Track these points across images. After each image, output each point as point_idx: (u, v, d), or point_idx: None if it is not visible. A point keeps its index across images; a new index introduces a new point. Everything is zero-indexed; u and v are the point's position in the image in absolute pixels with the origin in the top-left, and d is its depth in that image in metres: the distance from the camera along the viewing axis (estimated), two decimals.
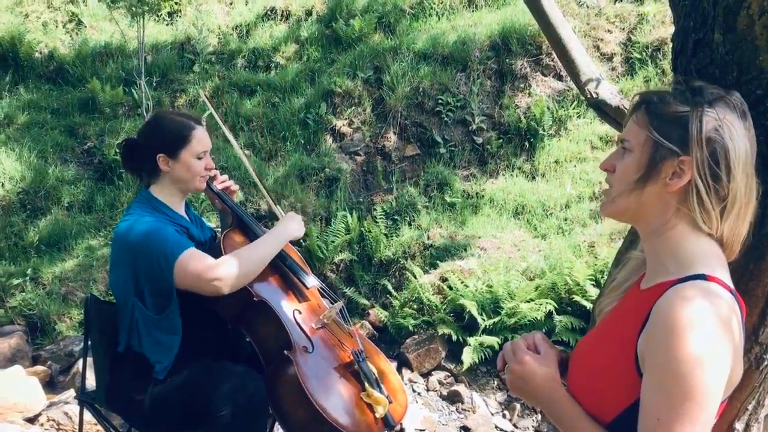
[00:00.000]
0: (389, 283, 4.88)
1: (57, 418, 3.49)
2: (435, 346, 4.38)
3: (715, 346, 1.17)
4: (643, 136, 1.30)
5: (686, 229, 1.29)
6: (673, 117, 1.27)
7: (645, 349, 1.22)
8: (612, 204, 1.35)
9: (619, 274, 1.47)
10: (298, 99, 6.10)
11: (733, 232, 1.29)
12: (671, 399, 1.16)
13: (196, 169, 2.48)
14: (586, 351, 1.43)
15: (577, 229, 5.12)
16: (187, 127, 2.47)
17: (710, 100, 1.27)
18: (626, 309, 1.38)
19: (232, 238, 2.58)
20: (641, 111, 1.32)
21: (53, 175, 5.41)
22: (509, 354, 1.43)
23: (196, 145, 2.46)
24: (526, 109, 5.98)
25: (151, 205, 2.48)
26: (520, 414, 4.09)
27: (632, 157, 1.31)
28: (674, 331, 1.16)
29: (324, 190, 5.52)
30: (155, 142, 2.48)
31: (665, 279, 1.28)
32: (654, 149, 1.28)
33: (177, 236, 2.39)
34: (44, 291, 4.67)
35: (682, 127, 1.26)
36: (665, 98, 1.30)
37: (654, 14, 6.33)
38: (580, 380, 1.37)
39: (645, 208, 1.31)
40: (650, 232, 1.33)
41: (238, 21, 7.01)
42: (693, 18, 1.52)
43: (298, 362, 2.30)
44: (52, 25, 6.84)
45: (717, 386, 1.18)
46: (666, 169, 1.27)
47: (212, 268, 2.32)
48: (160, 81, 6.34)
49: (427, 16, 6.78)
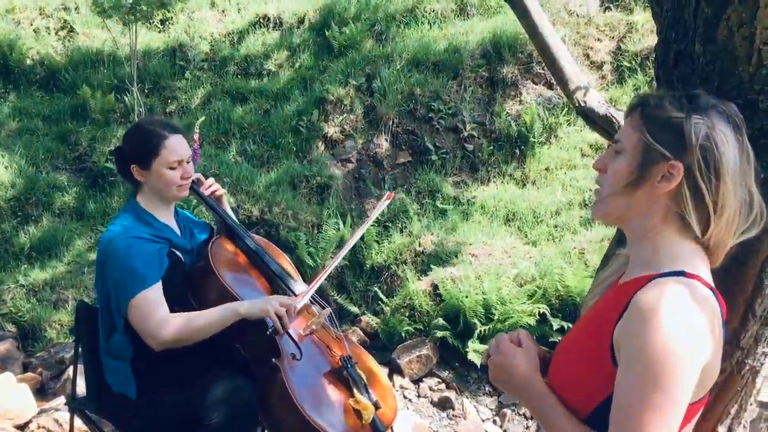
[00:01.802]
0: (380, 290, 4.89)
1: (47, 425, 3.49)
2: (426, 352, 4.40)
3: (690, 339, 1.18)
4: (635, 139, 1.32)
5: (673, 234, 1.31)
6: (666, 122, 1.29)
7: (620, 339, 1.24)
8: (602, 205, 1.37)
9: (603, 273, 1.50)
10: (290, 106, 6.12)
11: (719, 239, 1.31)
12: (643, 388, 1.17)
13: (170, 179, 2.44)
14: (565, 347, 1.46)
15: (567, 235, 5.15)
16: (158, 136, 2.41)
17: (705, 108, 1.30)
18: (605, 303, 1.41)
19: (221, 246, 2.58)
20: (636, 113, 1.35)
21: (44, 182, 5.41)
22: (493, 347, 1.46)
23: (167, 154, 2.40)
24: (517, 116, 6.02)
25: (136, 215, 2.47)
26: (510, 420, 4.10)
27: (624, 158, 1.33)
28: (649, 322, 1.18)
29: (316, 197, 5.54)
30: (129, 152, 2.47)
31: (644, 273, 1.30)
32: (645, 152, 1.30)
33: (145, 267, 2.34)
34: (35, 297, 4.66)
35: (674, 132, 1.28)
36: (661, 102, 1.33)
37: (643, 23, 6.38)
38: (559, 373, 1.40)
39: (634, 211, 1.33)
40: (638, 235, 1.35)
41: (231, 28, 7.03)
42: (675, 29, 1.55)
43: (286, 370, 2.31)
44: (44, 32, 6.84)
45: (689, 378, 1.19)
46: (656, 172, 1.29)
47: (155, 328, 2.28)
48: (152, 88, 6.35)
49: (418, 24, 6.82)
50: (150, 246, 2.40)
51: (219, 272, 2.44)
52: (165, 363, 2.35)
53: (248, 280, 2.57)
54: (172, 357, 2.34)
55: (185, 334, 2.30)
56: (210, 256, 2.47)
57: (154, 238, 2.44)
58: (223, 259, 2.53)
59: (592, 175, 5.63)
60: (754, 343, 1.61)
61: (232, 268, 2.53)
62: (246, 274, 2.59)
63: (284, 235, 5.13)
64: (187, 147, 2.49)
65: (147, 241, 2.40)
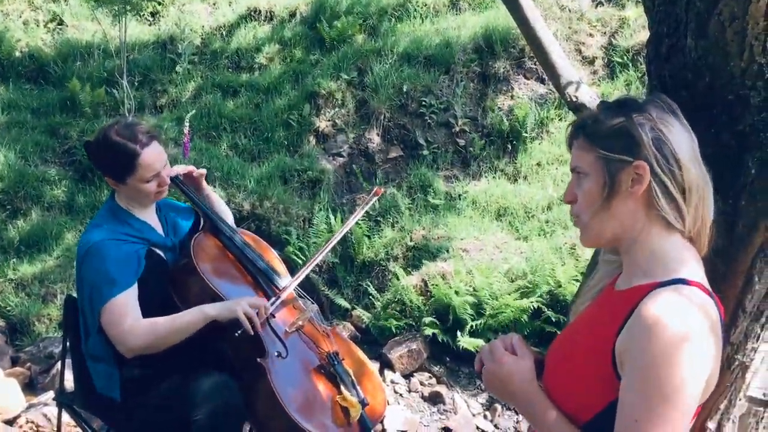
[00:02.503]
0: (371, 285, 4.89)
1: (36, 420, 3.47)
2: (417, 347, 4.40)
3: (695, 351, 1.18)
4: (591, 158, 1.33)
5: (659, 231, 1.31)
6: (611, 130, 1.31)
7: (624, 351, 1.23)
8: (588, 230, 1.37)
9: (593, 276, 1.49)
10: (281, 100, 6.09)
11: (698, 222, 1.31)
12: (649, 401, 1.17)
13: (146, 191, 2.39)
14: (561, 352, 1.44)
15: (558, 231, 5.15)
16: (132, 153, 2.31)
17: (639, 105, 1.32)
18: (601, 310, 1.40)
19: (204, 243, 2.54)
20: (580, 138, 1.36)
21: (33, 175, 5.37)
22: (487, 354, 1.44)
23: (143, 171, 2.34)
24: (509, 111, 6.02)
25: (114, 215, 2.44)
26: (501, 414, 4.11)
27: (589, 179, 1.34)
28: (654, 334, 1.18)
29: (307, 191, 5.52)
30: (101, 164, 2.42)
31: (644, 281, 1.30)
32: (606, 165, 1.31)
33: (119, 270, 2.31)
34: (24, 292, 4.63)
35: (623, 136, 1.29)
36: (597, 118, 1.35)
37: (635, 18, 6.38)
38: (555, 381, 1.39)
39: (617, 224, 1.33)
40: (629, 245, 1.35)
41: (221, 21, 6.99)
42: (667, 24, 1.55)
43: (271, 370, 2.29)
44: (33, 24, 6.79)
45: (695, 390, 1.19)
46: (625, 178, 1.30)
47: (124, 335, 2.26)
48: (141, 81, 6.31)
49: (410, 18, 6.80)
50: (126, 247, 2.37)
51: (201, 270, 2.42)
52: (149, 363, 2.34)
53: (232, 276, 2.54)
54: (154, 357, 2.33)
55: (154, 341, 2.28)
56: (192, 253, 2.44)
57: (132, 238, 2.41)
58: (205, 256, 2.50)
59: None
60: (744, 338, 1.61)
61: (215, 265, 2.50)
62: (229, 271, 2.55)
63: (275, 229, 5.11)
64: (162, 153, 2.42)
65: (123, 243, 2.37)
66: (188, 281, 2.44)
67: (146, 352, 2.29)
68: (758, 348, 1.65)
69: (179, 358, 2.39)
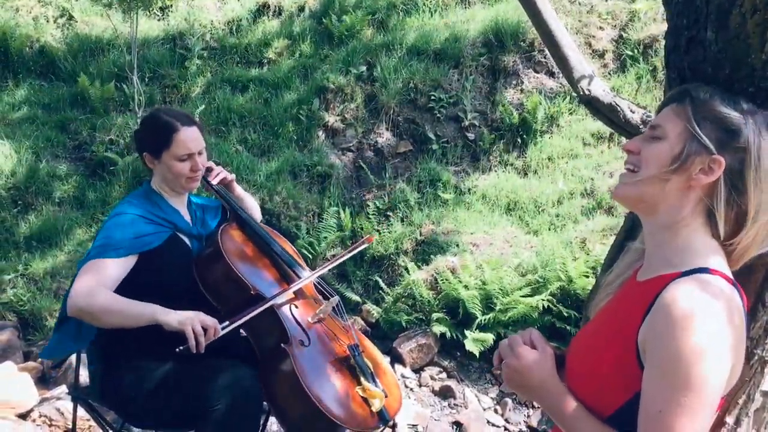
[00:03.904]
0: (381, 279, 4.89)
1: (49, 414, 3.49)
2: (428, 341, 4.40)
3: (718, 340, 1.17)
4: (681, 127, 1.31)
5: (698, 227, 1.30)
6: (716, 116, 1.29)
7: (646, 341, 1.22)
8: (632, 187, 1.34)
9: (614, 269, 1.48)
10: (290, 95, 6.09)
11: (747, 244, 1.30)
12: (673, 391, 1.16)
13: (179, 170, 2.47)
14: (583, 346, 1.44)
15: (569, 225, 5.14)
16: (171, 128, 2.44)
17: (754, 112, 1.30)
18: (624, 302, 1.39)
19: (230, 233, 2.61)
20: (685, 103, 1.33)
21: (44, 171, 5.39)
22: (506, 349, 1.43)
23: (177, 147, 2.44)
24: (519, 105, 6.00)
25: (146, 195, 2.53)
26: (511, 409, 4.11)
27: (665, 144, 1.31)
28: (677, 324, 1.17)
29: (316, 186, 5.52)
30: (141, 140, 2.52)
31: (667, 272, 1.29)
32: (690, 142, 1.29)
33: (121, 240, 2.34)
34: (35, 287, 4.66)
35: (722, 129, 1.28)
36: (712, 95, 1.33)
37: (646, 11, 6.35)
38: (578, 374, 1.38)
39: (664, 199, 1.31)
40: (661, 226, 1.33)
41: (231, 16, 6.99)
42: (686, 16, 1.53)
43: (294, 355, 2.31)
44: (42, 20, 6.79)
45: (719, 380, 1.18)
46: (696, 164, 1.28)
47: (80, 290, 2.25)
48: (151, 77, 6.32)
49: (419, 12, 6.78)
50: (143, 226, 2.42)
51: (229, 258, 2.46)
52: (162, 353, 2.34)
53: (257, 266, 2.59)
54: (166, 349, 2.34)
55: (99, 312, 2.24)
56: (220, 242, 2.49)
57: (157, 219, 2.47)
58: (232, 245, 2.55)
59: (594, 165, 5.64)
60: (764, 333, 1.60)
61: (241, 254, 2.56)
62: (255, 261, 2.61)
63: (285, 224, 5.12)
64: (201, 140, 2.51)
65: (144, 220, 2.43)
66: (214, 267, 2.48)
67: (83, 317, 2.27)
68: None
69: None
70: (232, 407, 2.24)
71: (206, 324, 2.25)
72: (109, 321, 2.26)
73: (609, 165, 5.54)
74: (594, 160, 5.68)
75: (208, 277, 2.49)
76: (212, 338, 2.26)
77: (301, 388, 2.25)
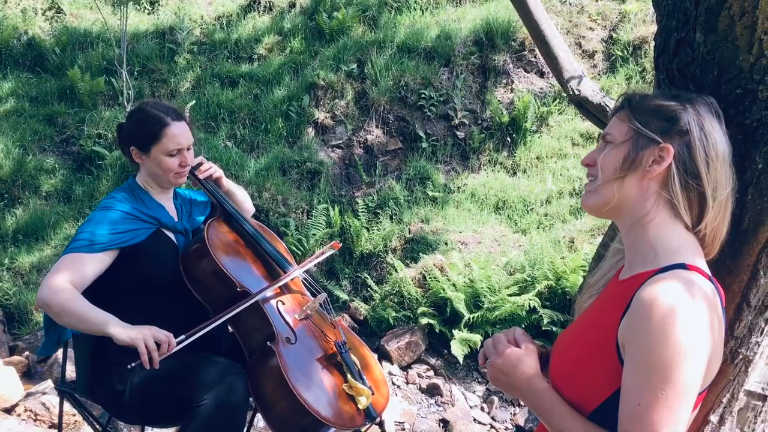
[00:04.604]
0: (370, 277, 4.89)
1: (34, 409, 3.47)
2: (415, 339, 4.41)
3: (695, 335, 1.19)
4: (625, 129, 1.36)
5: (666, 219, 1.33)
6: (654, 109, 1.34)
7: (625, 337, 1.24)
8: (594, 194, 1.38)
9: (597, 270, 1.50)
10: (280, 91, 6.08)
11: (714, 227, 1.33)
12: (651, 385, 1.18)
13: (167, 165, 2.45)
14: (567, 343, 1.45)
15: (557, 224, 5.17)
16: (160, 122, 2.42)
17: (691, 98, 1.35)
18: (606, 300, 1.41)
19: (217, 228, 2.59)
20: (624, 108, 1.38)
21: (31, 165, 5.35)
22: (490, 348, 1.45)
23: (167, 142, 2.42)
24: (508, 104, 6.02)
25: (130, 191, 2.51)
26: (498, 407, 4.13)
27: (615, 148, 1.36)
28: (655, 319, 1.19)
29: (306, 182, 5.52)
30: (129, 133, 2.49)
31: (644, 269, 1.31)
32: (636, 139, 1.33)
33: (100, 235, 2.34)
34: (22, 281, 4.63)
35: (662, 118, 1.32)
36: (647, 95, 1.39)
37: (636, 12, 6.38)
38: (561, 372, 1.39)
39: (625, 198, 1.34)
40: (631, 225, 1.36)
41: (221, 11, 6.96)
42: (675, 17, 1.54)
43: (281, 353, 2.31)
44: (31, 12, 6.75)
45: (696, 374, 1.20)
46: (647, 157, 1.31)
47: (49, 284, 2.25)
48: (141, 71, 6.29)
49: (410, 9, 6.79)
50: (126, 223, 2.41)
51: (215, 254, 2.45)
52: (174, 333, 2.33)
53: (243, 262, 2.58)
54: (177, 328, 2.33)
55: (60, 310, 2.23)
56: (206, 237, 2.47)
57: (141, 215, 2.45)
58: (219, 241, 2.53)
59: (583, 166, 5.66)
60: (748, 332, 1.61)
61: (227, 250, 2.54)
62: (241, 257, 2.59)
63: (273, 220, 5.11)
64: (189, 135, 2.50)
65: (127, 216, 2.42)
66: (200, 263, 2.47)
67: (48, 313, 2.28)
68: (762, 342, 1.65)
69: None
70: (219, 403, 2.24)
71: (159, 339, 2.20)
72: (66, 322, 2.28)
73: None
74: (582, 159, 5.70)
75: (194, 273, 2.47)
76: (166, 353, 2.22)
77: (287, 387, 2.25)
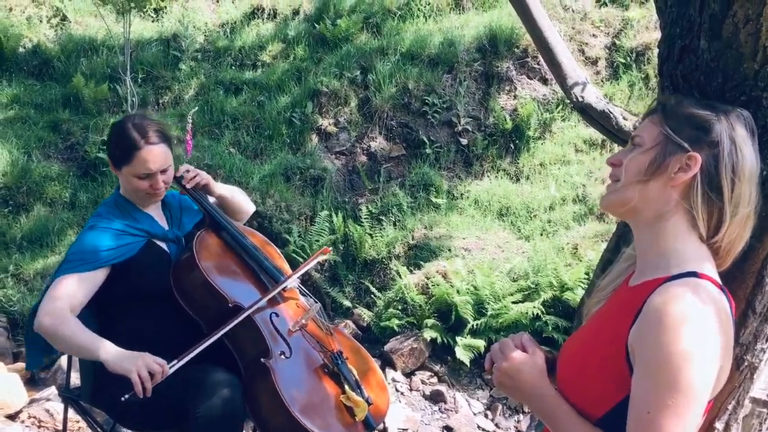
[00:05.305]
0: (373, 284, 4.89)
1: (38, 415, 3.47)
2: (419, 346, 4.40)
3: (706, 343, 1.19)
4: (656, 132, 1.34)
5: (682, 228, 1.32)
6: (687, 116, 1.33)
7: (635, 344, 1.24)
8: (616, 194, 1.37)
9: (607, 274, 1.49)
10: (284, 98, 6.10)
11: (731, 240, 1.32)
12: (661, 393, 1.17)
13: (136, 186, 2.45)
14: (574, 349, 1.45)
15: (560, 231, 5.16)
16: (133, 145, 2.38)
17: (726, 111, 1.33)
18: (615, 306, 1.40)
19: (206, 239, 2.56)
20: (657, 112, 1.37)
21: (36, 171, 5.36)
22: (497, 353, 1.44)
23: (137, 165, 2.40)
24: (512, 111, 6.02)
25: (114, 204, 2.51)
26: (502, 414, 4.12)
27: (642, 151, 1.35)
28: (665, 327, 1.18)
29: (309, 189, 5.52)
30: (107, 145, 2.52)
31: (656, 276, 1.30)
32: (665, 144, 1.32)
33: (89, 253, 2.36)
34: (26, 287, 4.63)
35: (694, 126, 1.31)
36: (681, 101, 1.37)
37: (639, 19, 6.39)
38: (569, 377, 1.39)
39: (645, 202, 1.33)
40: (645, 229, 1.36)
41: (225, 19, 6.99)
42: (680, 25, 1.55)
43: (275, 370, 2.28)
44: (36, 19, 6.77)
45: (706, 382, 1.20)
46: (674, 163, 1.30)
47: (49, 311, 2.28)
48: (145, 78, 6.31)
49: (414, 17, 6.80)
50: (115, 239, 2.41)
51: (203, 266, 2.42)
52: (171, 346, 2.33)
53: (234, 274, 2.54)
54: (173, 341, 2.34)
55: (55, 336, 2.27)
56: (195, 250, 2.44)
57: (130, 229, 2.45)
58: (207, 253, 2.50)
59: (586, 171, 5.66)
60: (753, 339, 1.61)
61: (216, 261, 2.50)
62: (232, 269, 2.55)
63: (277, 227, 5.11)
64: (165, 158, 2.44)
65: (115, 232, 2.42)
66: (189, 277, 2.44)
67: (45, 336, 2.31)
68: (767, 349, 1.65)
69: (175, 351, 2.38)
70: (214, 414, 2.22)
71: (153, 370, 2.19)
72: (60, 348, 2.32)
73: (601, 171, 5.57)
74: (586, 166, 5.71)
75: (185, 290, 2.44)
76: (160, 380, 2.20)
77: (281, 404, 2.22)
